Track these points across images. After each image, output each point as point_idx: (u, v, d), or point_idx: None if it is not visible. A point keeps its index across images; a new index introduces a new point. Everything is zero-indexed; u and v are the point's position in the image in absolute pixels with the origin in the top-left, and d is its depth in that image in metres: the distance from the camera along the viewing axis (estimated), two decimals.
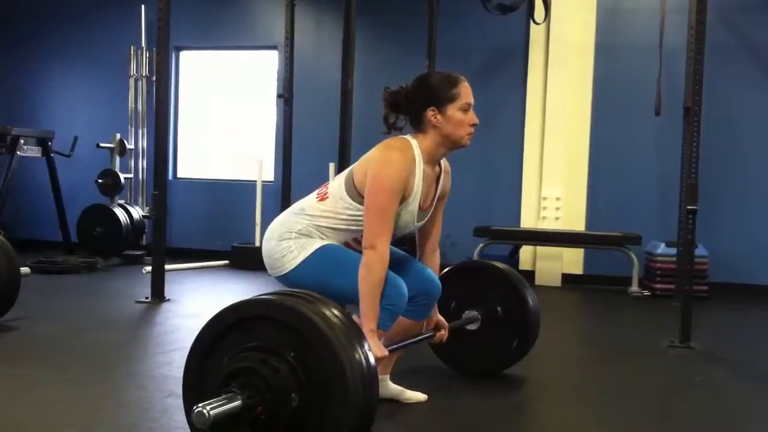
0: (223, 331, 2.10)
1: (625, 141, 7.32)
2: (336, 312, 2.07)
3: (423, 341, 3.03)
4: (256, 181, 7.65)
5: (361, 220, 2.71)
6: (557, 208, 7.31)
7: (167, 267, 5.59)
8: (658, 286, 6.53)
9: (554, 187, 7.33)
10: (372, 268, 2.61)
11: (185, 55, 8.74)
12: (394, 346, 2.76)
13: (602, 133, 7.34)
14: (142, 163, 8.37)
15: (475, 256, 6.77)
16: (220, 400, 1.94)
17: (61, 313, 4.93)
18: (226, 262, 7.59)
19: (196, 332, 2.15)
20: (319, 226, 2.77)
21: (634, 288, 6.65)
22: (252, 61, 8.58)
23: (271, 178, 8.12)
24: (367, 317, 2.60)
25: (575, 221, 7.34)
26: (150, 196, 5.92)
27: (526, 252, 7.44)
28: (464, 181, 7.00)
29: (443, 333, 3.05)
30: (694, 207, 4.38)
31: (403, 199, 2.72)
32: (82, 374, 3.37)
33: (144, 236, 8.07)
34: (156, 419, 2.73)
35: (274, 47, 8.19)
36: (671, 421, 3.04)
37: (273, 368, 1.98)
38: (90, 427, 2.66)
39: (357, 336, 2.07)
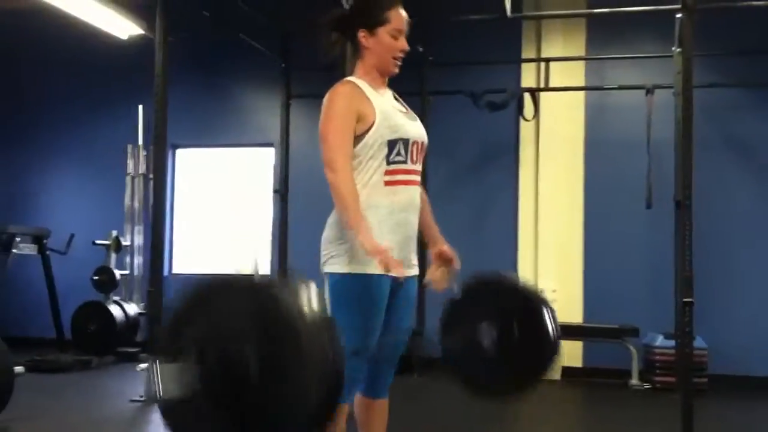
0: (187, 308, 2.17)
1: (618, 234, 7.38)
2: (302, 290, 2.06)
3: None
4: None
5: (373, 157, 2.66)
6: (553, 301, 7.28)
7: None
8: (658, 378, 6.47)
9: (549, 279, 7.34)
10: (337, 188, 2.59)
11: (182, 153, 8.88)
12: None
13: (595, 226, 7.41)
14: (138, 260, 8.38)
15: None
16: (181, 376, 1.98)
17: (55, 414, 4.85)
18: None
19: None
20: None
21: (635, 381, 6.59)
22: (248, 158, 8.71)
23: (268, 272, 8.12)
24: (351, 223, 2.58)
25: (572, 313, 7.32)
26: (145, 293, 5.90)
27: None
28: (459, 277, 6.99)
29: (442, 271, 2.97)
30: (690, 300, 4.40)
31: (369, 116, 2.62)
32: None
33: (138, 332, 8.01)
34: None
35: (270, 144, 8.34)
36: None
37: (235, 346, 1.97)
38: None
39: (321, 317, 2.07)
